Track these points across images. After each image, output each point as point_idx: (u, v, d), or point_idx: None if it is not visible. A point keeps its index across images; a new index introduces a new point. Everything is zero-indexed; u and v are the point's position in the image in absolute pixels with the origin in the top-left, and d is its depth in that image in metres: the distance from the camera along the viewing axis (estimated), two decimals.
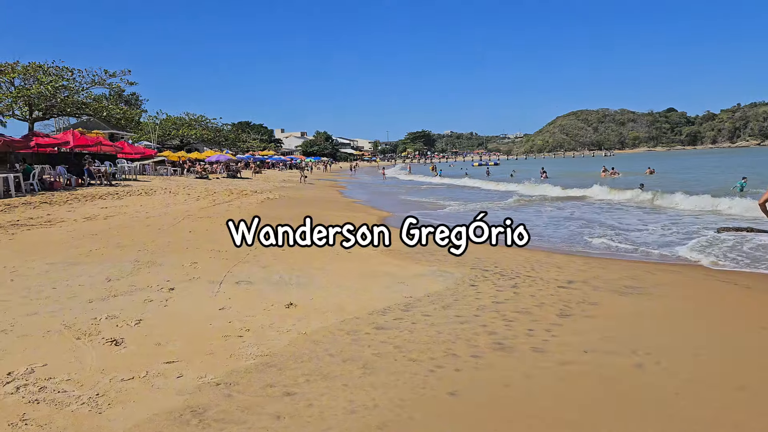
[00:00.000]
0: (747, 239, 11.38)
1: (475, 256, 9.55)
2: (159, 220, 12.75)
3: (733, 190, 23.87)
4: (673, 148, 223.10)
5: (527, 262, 9.16)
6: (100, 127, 57.32)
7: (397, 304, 6.22)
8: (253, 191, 22.32)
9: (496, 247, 10.83)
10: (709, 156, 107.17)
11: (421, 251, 9.91)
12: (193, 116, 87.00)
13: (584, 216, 17.36)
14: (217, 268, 7.86)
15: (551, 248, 11.14)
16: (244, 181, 34.38)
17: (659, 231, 13.25)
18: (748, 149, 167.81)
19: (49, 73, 40.92)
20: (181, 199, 16.88)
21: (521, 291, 6.91)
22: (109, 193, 17.48)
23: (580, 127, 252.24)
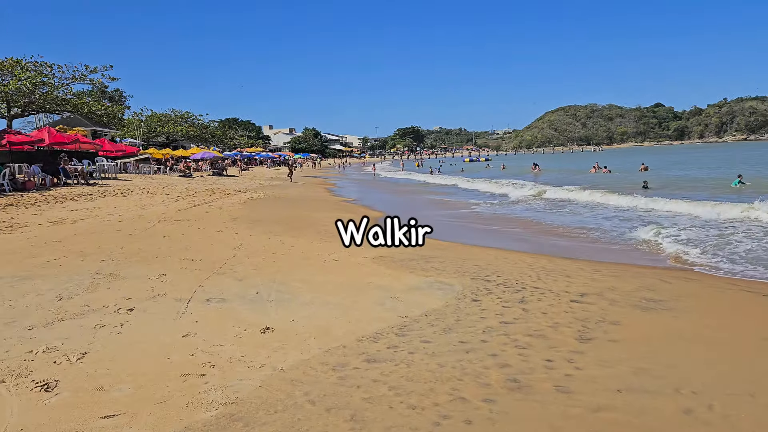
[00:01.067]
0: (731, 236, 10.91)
1: (474, 264, 8.74)
2: (132, 223, 11.84)
3: (738, 187, 23.38)
4: (661, 143, 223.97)
5: (531, 269, 8.37)
6: (83, 124, 55.97)
7: (390, 326, 5.38)
8: (236, 190, 21.35)
9: (498, 253, 10.04)
10: (698, 151, 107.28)
11: (415, 258, 9.09)
12: (179, 113, 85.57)
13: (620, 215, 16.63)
14: (187, 282, 6.99)
15: (554, 252, 10.37)
16: (230, 180, 33.39)
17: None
18: (735, 144, 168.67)
19: (27, 68, 39.63)
20: (159, 200, 15.93)
21: (530, 307, 6.10)
22: (82, 194, 16.51)
23: (568, 123, 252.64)
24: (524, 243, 12.06)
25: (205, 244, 9.88)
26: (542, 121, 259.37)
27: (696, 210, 15.48)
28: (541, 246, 11.55)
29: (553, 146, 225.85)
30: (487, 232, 14.07)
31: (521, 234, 13.57)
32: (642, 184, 26.09)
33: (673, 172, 38.45)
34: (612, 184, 28.42)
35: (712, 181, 28.32)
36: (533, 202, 22.47)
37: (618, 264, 9.33)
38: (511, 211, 19.04)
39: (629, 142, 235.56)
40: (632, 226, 13.69)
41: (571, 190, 24.23)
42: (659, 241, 11.39)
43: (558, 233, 13.44)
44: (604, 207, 18.89)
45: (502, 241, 12.20)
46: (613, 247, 11.24)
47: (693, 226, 13.11)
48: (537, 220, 16.27)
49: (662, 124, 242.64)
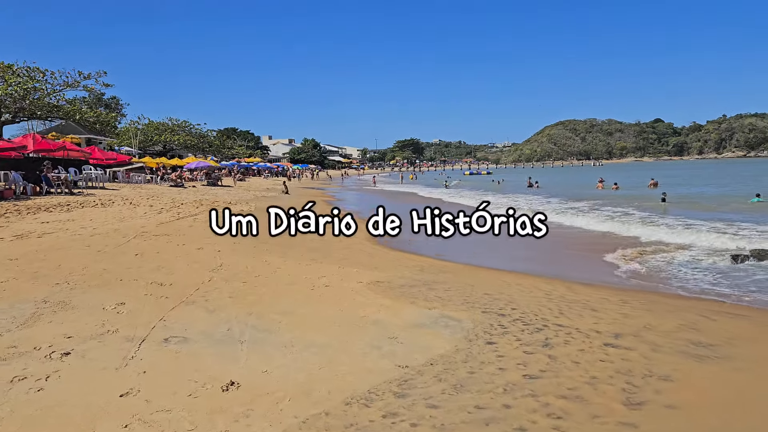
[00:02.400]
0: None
1: (484, 291, 7.66)
2: (104, 238, 10.76)
3: (757, 204, 22.50)
4: (660, 159, 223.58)
5: (550, 299, 7.29)
6: (77, 132, 54.98)
7: (387, 381, 4.30)
8: (227, 202, 20.23)
9: (509, 278, 8.96)
10: (699, 167, 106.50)
11: (417, 284, 8.01)
12: (177, 122, 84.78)
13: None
14: (148, 313, 5.90)
15: (571, 277, 9.28)
16: (223, 190, 32.30)
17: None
18: (735, 160, 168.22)
19: (18, 73, 38.69)
20: (140, 212, 14.84)
21: (558, 353, 5.02)
22: (59, 204, 15.41)
23: (568, 137, 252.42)
24: (536, 264, 10.99)
25: (180, 264, 8.80)
26: (541, 135, 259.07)
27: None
28: (554, 269, 10.47)
29: (553, 160, 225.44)
30: (495, 251, 13.00)
31: (532, 254, 12.49)
32: (660, 197, 25.28)
33: (684, 188, 37.31)
34: (626, 201, 27.28)
35: (726, 198, 27.27)
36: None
37: (645, 293, 8.25)
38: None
39: (628, 157, 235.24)
40: (655, 251, 12.63)
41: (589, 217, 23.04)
42: (684, 266, 10.35)
43: (571, 252, 12.38)
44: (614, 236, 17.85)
45: (512, 262, 11.13)
46: (634, 272, 10.17)
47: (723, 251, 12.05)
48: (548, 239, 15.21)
49: (661, 140, 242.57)
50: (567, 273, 9.91)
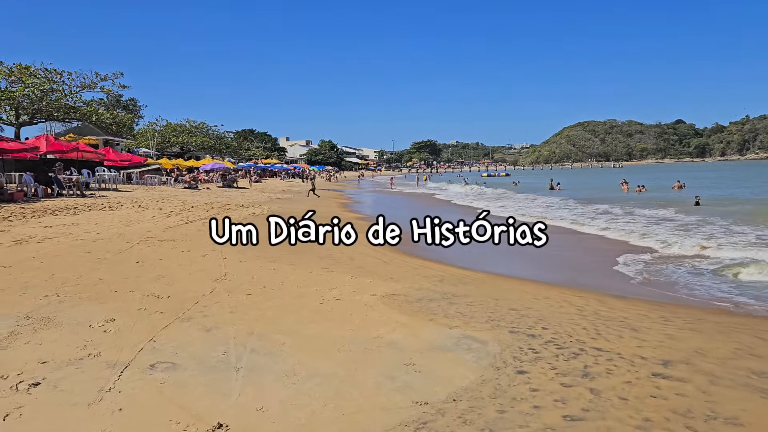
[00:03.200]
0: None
1: (510, 306, 6.98)
2: (107, 244, 10.24)
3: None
4: (681, 160, 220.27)
5: (583, 316, 6.60)
6: (95, 133, 55.13)
7: (404, 422, 3.65)
8: (239, 205, 19.69)
9: (536, 290, 8.25)
10: (722, 169, 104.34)
11: (436, 297, 7.35)
12: (194, 123, 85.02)
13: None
14: (138, 332, 5.32)
15: (601, 287, 8.55)
16: (237, 192, 31.88)
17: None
18: (759, 162, 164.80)
19: (36, 75, 38.68)
20: (148, 216, 14.34)
21: (601, 386, 4.34)
22: (66, 207, 14.98)
23: (587, 138, 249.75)
24: (562, 274, 10.27)
25: (182, 272, 8.23)
26: (560, 136, 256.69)
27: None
28: (583, 279, 9.75)
29: (572, 162, 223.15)
30: (518, 259, 12.29)
31: (558, 264, 11.77)
32: (694, 200, 24.31)
33: (711, 191, 35.97)
34: (657, 204, 26.27)
35: (762, 202, 26.18)
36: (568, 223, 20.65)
37: (687, 308, 7.52)
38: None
39: (649, 158, 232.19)
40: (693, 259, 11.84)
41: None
42: (721, 272, 9.58)
43: (601, 262, 11.63)
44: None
45: (537, 271, 10.42)
46: (671, 285, 9.41)
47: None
48: (578, 247, 14.45)
49: (683, 141, 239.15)
50: (597, 284, 9.20)
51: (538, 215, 21.86)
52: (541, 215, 21.87)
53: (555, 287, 8.79)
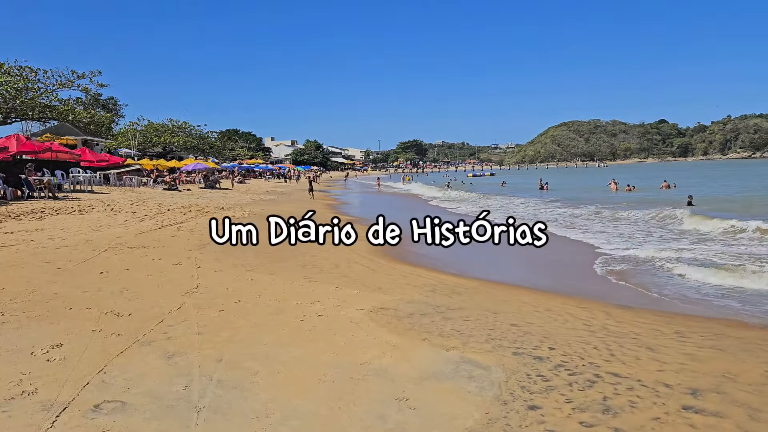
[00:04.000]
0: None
1: (511, 322, 6.34)
2: (70, 252, 9.45)
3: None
4: (665, 160, 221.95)
5: (591, 332, 5.98)
6: (73, 133, 53.77)
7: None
8: (219, 207, 18.84)
9: (534, 299, 7.62)
10: (706, 168, 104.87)
11: (428, 311, 6.69)
12: (177, 123, 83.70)
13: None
14: (86, 361, 4.59)
15: (603, 295, 7.93)
16: (220, 194, 30.99)
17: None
18: (741, 161, 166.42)
19: (10, 72, 37.47)
20: (120, 219, 13.51)
21: (627, 424, 3.70)
22: (33, 211, 14.11)
23: (571, 138, 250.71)
24: (558, 280, 9.67)
25: (150, 285, 7.48)
26: (545, 136, 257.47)
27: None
28: (582, 286, 9.15)
29: (557, 161, 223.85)
30: (509, 262, 11.68)
31: (554, 268, 11.17)
32: (687, 200, 23.82)
33: (700, 190, 35.58)
34: (649, 204, 25.84)
35: (752, 200, 25.88)
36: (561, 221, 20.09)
37: (701, 320, 6.94)
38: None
39: (633, 158, 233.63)
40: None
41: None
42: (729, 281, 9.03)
43: (591, 265, 11.04)
44: None
45: (533, 276, 9.82)
46: (675, 291, 8.83)
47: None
48: (572, 251, 13.87)
49: (666, 141, 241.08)
50: (598, 292, 8.60)
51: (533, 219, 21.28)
52: (534, 218, 21.31)
53: (555, 296, 8.19)
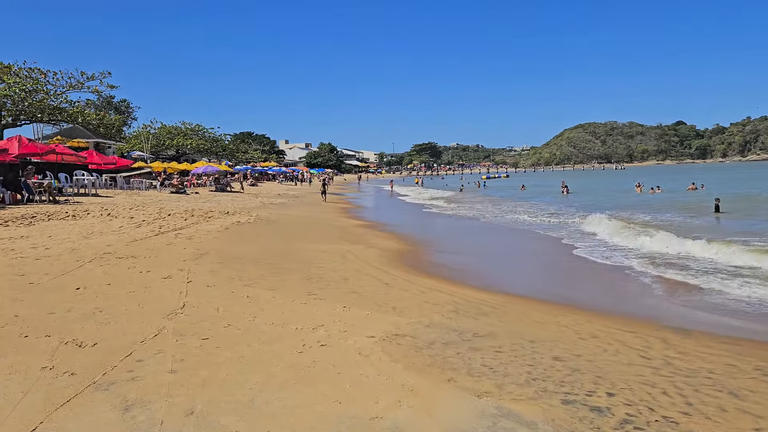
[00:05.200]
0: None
1: (553, 354, 5.25)
2: (51, 263, 8.50)
3: None
4: (683, 162, 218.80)
5: (654, 368, 4.89)
6: (85, 136, 53.35)
7: None
8: (224, 212, 17.83)
9: (574, 320, 6.50)
10: (726, 170, 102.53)
11: (452, 339, 5.63)
12: (190, 125, 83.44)
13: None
14: (19, 413, 3.59)
15: (653, 315, 6.80)
16: (229, 197, 30.10)
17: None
18: (761, 163, 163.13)
19: (18, 74, 36.97)
20: (115, 226, 12.58)
21: None
22: (24, 216, 13.22)
23: (587, 140, 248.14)
24: (591, 293, 8.56)
25: (129, 304, 6.49)
26: (561, 138, 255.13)
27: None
28: (623, 303, 8.03)
29: (573, 163, 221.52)
30: (530, 271, 10.58)
31: (582, 276, 10.05)
32: (714, 205, 22.22)
33: (725, 190, 34.15)
34: (681, 207, 24.59)
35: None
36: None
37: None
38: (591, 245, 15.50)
39: (650, 160, 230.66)
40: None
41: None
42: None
43: (626, 276, 9.90)
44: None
45: (562, 288, 8.70)
46: (729, 307, 7.68)
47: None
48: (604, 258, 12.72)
49: (684, 143, 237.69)
50: (639, 309, 7.46)
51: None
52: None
53: (595, 316, 7.07)
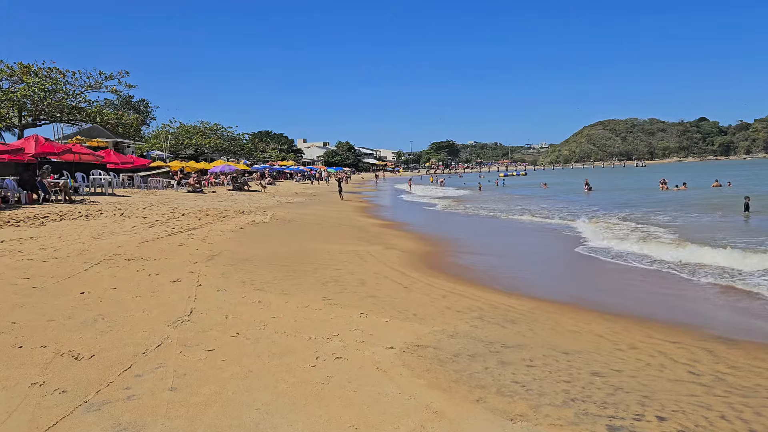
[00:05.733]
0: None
1: (591, 370, 4.76)
2: (57, 266, 8.19)
3: None
4: (705, 159, 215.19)
5: (706, 388, 4.38)
6: (104, 135, 53.61)
7: None
8: (239, 211, 17.48)
9: (610, 328, 5.97)
10: (750, 167, 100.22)
11: (478, 352, 5.16)
12: (208, 125, 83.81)
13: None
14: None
15: (685, 320, 6.26)
16: (245, 196, 29.84)
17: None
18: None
19: (37, 74, 37.15)
20: (128, 226, 12.27)
21: None
22: (36, 216, 12.98)
23: (607, 137, 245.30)
24: (626, 293, 8.01)
25: (133, 310, 6.12)
26: (580, 135, 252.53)
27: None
28: (653, 300, 7.48)
29: (593, 161, 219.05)
30: (563, 268, 10.04)
31: (612, 279, 9.49)
32: (744, 203, 21.20)
33: (756, 189, 33.06)
34: (712, 206, 23.78)
35: None
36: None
37: None
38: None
39: (671, 157, 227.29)
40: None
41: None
42: None
43: (659, 279, 9.33)
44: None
45: (591, 287, 8.17)
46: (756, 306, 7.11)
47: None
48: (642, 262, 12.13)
49: (706, 139, 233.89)
50: (673, 312, 6.90)
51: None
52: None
53: (632, 323, 6.55)
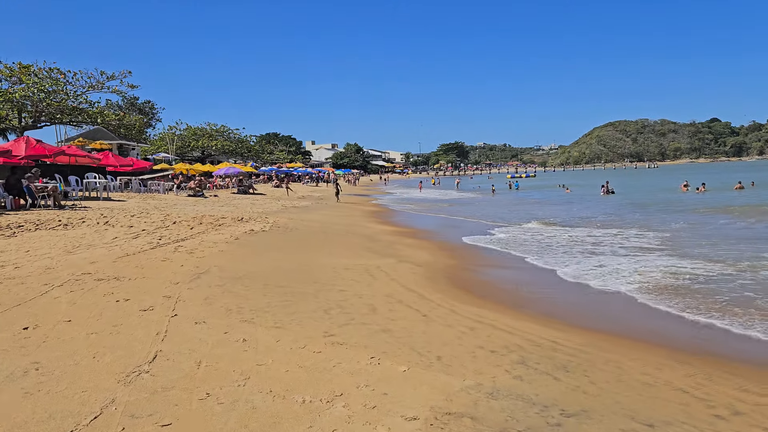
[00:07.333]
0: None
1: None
2: (11, 289, 6.87)
3: None
4: (717, 160, 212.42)
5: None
6: (108, 138, 52.60)
7: None
8: (237, 218, 16.05)
9: (702, 387, 4.57)
10: (762, 168, 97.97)
11: (532, 425, 3.78)
12: (215, 126, 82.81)
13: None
14: None
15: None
16: (249, 200, 28.55)
17: None
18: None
19: (37, 74, 36.08)
20: (109, 237, 10.96)
21: None
22: (10, 226, 11.60)
23: (618, 138, 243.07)
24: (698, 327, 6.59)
25: (81, 354, 4.78)
26: (590, 136, 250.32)
27: None
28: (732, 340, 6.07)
29: (603, 162, 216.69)
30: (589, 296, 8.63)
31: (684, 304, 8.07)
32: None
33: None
34: (736, 211, 22.29)
35: None
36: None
37: None
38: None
39: (683, 158, 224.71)
40: None
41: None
42: None
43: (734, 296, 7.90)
44: None
45: (647, 313, 6.76)
46: None
47: None
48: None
49: (718, 140, 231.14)
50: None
51: None
52: None
53: (712, 365, 5.13)
